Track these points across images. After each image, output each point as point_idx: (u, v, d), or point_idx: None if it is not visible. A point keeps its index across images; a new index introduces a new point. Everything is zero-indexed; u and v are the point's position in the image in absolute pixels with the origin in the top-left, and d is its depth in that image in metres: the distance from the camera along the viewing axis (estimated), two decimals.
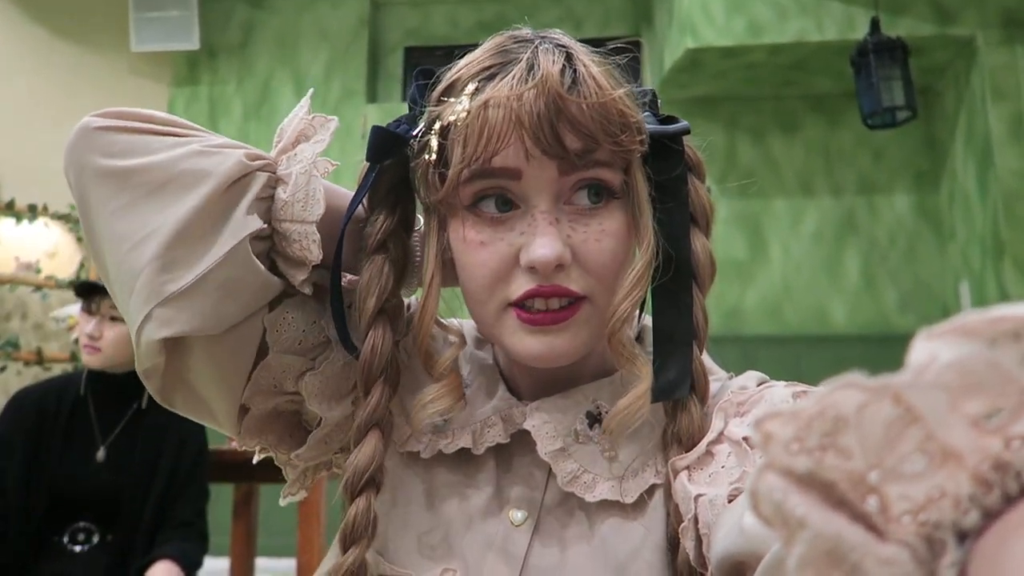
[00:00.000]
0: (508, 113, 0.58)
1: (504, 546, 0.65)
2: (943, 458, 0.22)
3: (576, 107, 0.58)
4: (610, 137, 0.59)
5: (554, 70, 0.58)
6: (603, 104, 0.59)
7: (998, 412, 0.22)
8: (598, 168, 0.60)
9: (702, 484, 0.59)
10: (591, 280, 0.61)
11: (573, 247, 0.61)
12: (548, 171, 0.59)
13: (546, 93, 0.58)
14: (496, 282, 0.62)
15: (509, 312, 0.62)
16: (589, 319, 0.62)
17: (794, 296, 3.82)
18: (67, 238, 4.08)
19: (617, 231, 0.62)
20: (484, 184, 0.61)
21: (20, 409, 1.93)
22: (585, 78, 0.59)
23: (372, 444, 0.64)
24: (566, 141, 0.58)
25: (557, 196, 0.61)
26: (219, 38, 4.24)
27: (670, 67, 3.61)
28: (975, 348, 0.22)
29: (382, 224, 0.67)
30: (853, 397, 0.23)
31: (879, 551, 0.22)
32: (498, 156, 0.59)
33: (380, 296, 0.66)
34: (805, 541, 0.22)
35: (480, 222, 0.62)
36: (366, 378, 0.65)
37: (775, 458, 0.23)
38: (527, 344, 0.61)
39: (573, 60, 0.61)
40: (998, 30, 3.40)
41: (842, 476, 0.23)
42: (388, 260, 0.67)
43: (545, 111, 0.57)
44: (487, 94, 0.60)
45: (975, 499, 0.22)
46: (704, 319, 0.66)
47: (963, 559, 0.22)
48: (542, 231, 0.59)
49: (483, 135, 0.59)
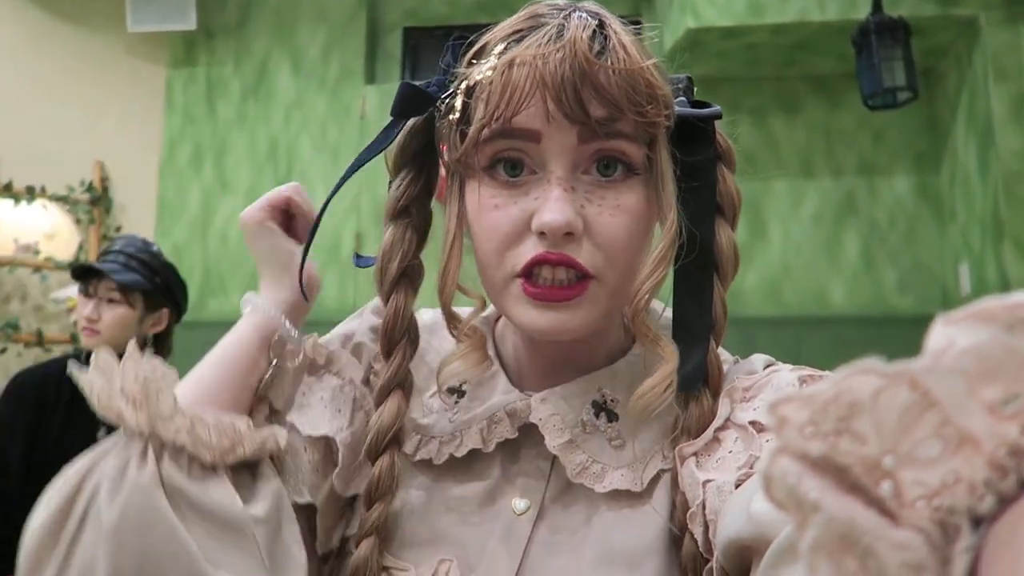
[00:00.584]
0: (532, 72, 0.57)
1: (506, 534, 0.65)
2: (959, 443, 0.22)
3: (603, 73, 0.57)
4: (635, 106, 0.58)
5: (583, 34, 0.57)
6: (631, 72, 0.58)
7: (1015, 398, 0.22)
8: (620, 140, 0.59)
9: (710, 470, 0.59)
10: (601, 256, 0.60)
11: (587, 219, 0.60)
12: (568, 136, 0.59)
13: (573, 56, 0.57)
14: (507, 247, 0.61)
15: (516, 283, 0.61)
16: (597, 299, 0.61)
17: (794, 277, 3.82)
18: (66, 219, 4.07)
19: (634, 208, 0.61)
20: (503, 145, 0.60)
21: (20, 391, 1.93)
22: (615, 46, 0.58)
23: (395, 403, 0.65)
24: (589, 107, 0.57)
25: (575, 164, 0.60)
26: (216, 18, 4.21)
27: (670, 47, 3.59)
28: (993, 334, 0.22)
29: (406, 188, 0.68)
30: (869, 382, 0.23)
31: (893, 536, 0.22)
32: (519, 116, 0.58)
33: (403, 260, 0.67)
34: (818, 525, 0.22)
35: (496, 185, 0.61)
36: (389, 340, 0.66)
37: (789, 442, 0.23)
38: (531, 317, 0.61)
39: (605, 27, 0.60)
40: (1001, 10, 3.38)
41: (856, 460, 0.23)
42: (411, 225, 0.68)
43: (570, 74, 0.56)
44: (513, 53, 0.59)
45: (990, 484, 0.22)
46: (723, 311, 0.66)
47: (977, 544, 0.21)
48: (556, 196, 0.58)
49: (505, 93, 0.58)
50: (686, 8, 3.46)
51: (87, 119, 4.17)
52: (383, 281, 0.67)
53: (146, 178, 4.13)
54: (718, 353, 0.66)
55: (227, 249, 4.01)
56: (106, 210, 4.09)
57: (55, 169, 4.04)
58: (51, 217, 4.04)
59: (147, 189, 4.12)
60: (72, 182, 4.04)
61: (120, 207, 4.15)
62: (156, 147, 4.16)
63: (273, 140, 4.08)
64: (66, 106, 4.17)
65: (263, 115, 4.12)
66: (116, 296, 1.90)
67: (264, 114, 4.12)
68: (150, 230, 4.04)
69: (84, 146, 4.12)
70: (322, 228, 2.94)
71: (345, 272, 3.89)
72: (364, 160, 0.69)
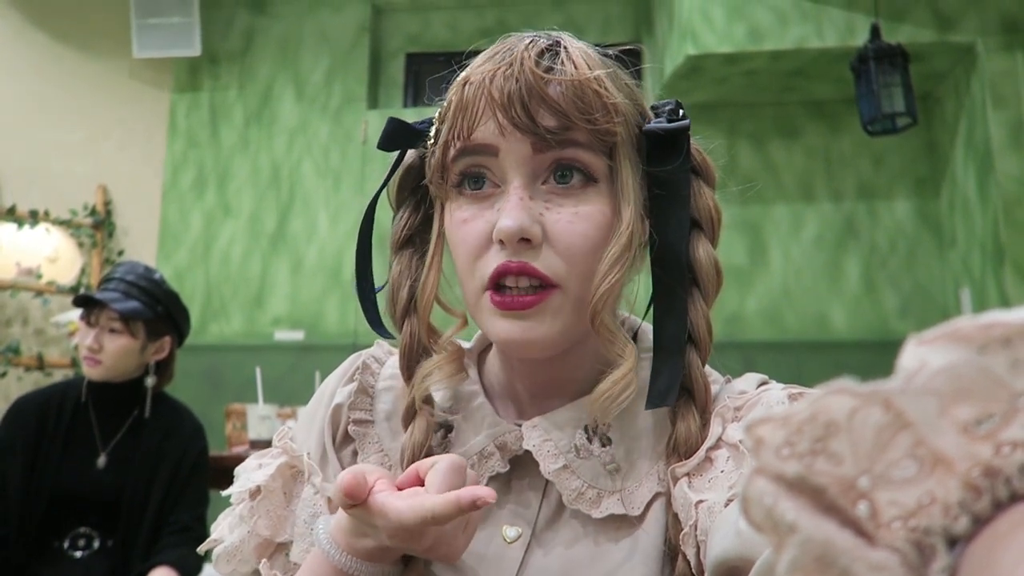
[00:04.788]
0: (481, 89, 0.60)
1: (496, 562, 0.64)
2: (933, 464, 0.22)
3: (551, 85, 0.59)
4: (584, 115, 0.59)
5: (531, 52, 0.60)
6: (578, 83, 0.59)
7: (988, 418, 0.22)
8: (575, 148, 0.60)
9: (702, 490, 0.59)
10: (562, 263, 0.61)
11: (546, 227, 0.61)
12: (522, 147, 0.60)
13: (520, 70, 0.59)
14: (476, 259, 0.63)
15: (486, 295, 0.62)
16: (561, 307, 0.62)
17: (794, 302, 3.82)
18: (68, 243, 4.09)
19: (593, 216, 0.61)
20: (467, 162, 0.63)
21: (21, 415, 1.93)
22: (563, 60, 0.60)
23: (423, 421, 0.68)
24: (539, 118, 0.59)
25: (533, 175, 0.62)
26: (220, 44, 4.25)
27: (671, 73, 3.62)
28: (965, 354, 0.22)
29: (407, 221, 0.71)
30: (844, 402, 0.23)
31: (869, 556, 0.22)
32: (476, 132, 0.61)
33: (411, 286, 0.68)
34: (795, 546, 0.22)
35: (465, 200, 0.64)
36: (408, 363, 0.69)
37: (766, 463, 0.24)
38: (500, 328, 0.62)
39: (557, 46, 0.62)
40: (998, 37, 3.41)
41: (832, 481, 0.23)
42: (415, 254, 0.70)
43: (516, 87, 0.59)
44: (466, 73, 0.62)
45: (965, 505, 0.22)
46: (707, 327, 0.65)
47: (953, 565, 0.22)
48: (511, 205, 0.60)
49: (459, 112, 0.61)
50: (686, 35, 3.49)
51: (91, 143, 4.20)
52: (396, 308, 0.69)
53: (149, 202, 4.15)
54: (703, 371, 0.66)
55: (228, 273, 4.02)
56: (109, 234, 4.11)
57: (58, 193, 4.07)
58: (53, 241, 4.06)
59: (150, 213, 4.14)
60: (75, 206, 4.06)
61: (123, 231, 4.16)
62: (159, 171, 4.19)
63: (276, 165, 4.11)
64: (70, 130, 4.21)
65: (266, 140, 4.15)
66: (118, 325, 1.90)
67: (267, 139, 4.15)
68: (152, 254, 4.06)
69: (87, 170, 4.15)
70: (323, 251, 2.98)
71: (347, 296, 3.90)
72: (375, 199, 0.72)
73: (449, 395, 0.72)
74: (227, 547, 0.70)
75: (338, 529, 0.61)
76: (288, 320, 3.95)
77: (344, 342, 3.80)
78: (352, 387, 0.74)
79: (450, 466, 0.58)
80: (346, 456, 0.73)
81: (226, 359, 3.84)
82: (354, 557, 0.60)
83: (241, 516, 0.70)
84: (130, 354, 1.93)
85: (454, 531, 0.59)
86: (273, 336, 3.93)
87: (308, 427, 0.74)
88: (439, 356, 0.67)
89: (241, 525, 0.70)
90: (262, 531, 0.69)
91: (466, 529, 0.60)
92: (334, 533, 0.61)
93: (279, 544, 0.70)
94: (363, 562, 0.60)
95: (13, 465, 1.87)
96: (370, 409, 0.73)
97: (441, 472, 0.57)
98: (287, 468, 0.71)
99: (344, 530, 0.60)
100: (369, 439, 0.72)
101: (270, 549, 0.70)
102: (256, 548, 0.69)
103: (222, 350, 3.88)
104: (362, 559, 0.60)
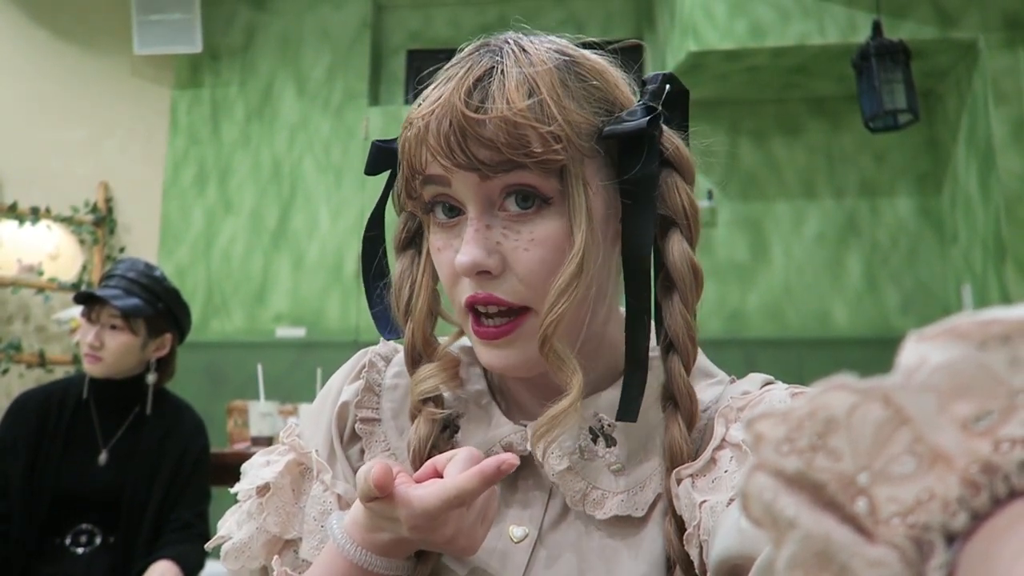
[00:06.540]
0: (419, 133, 0.61)
1: (503, 561, 0.65)
2: (932, 460, 0.22)
3: (482, 123, 0.59)
4: (520, 150, 0.58)
5: (460, 90, 0.60)
6: (507, 120, 0.58)
7: (987, 415, 0.22)
8: (522, 172, 0.60)
9: (706, 491, 0.59)
10: (525, 289, 0.61)
11: (505, 255, 0.61)
12: (469, 178, 0.60)
13: (452, 113, 0.59)
14: (452, 285, 0.64)
15: (469, 319, 0.64)
16: (534, 332, 0.62)
17: (796, 299, 3.82)
18: (69, 240, 4.09)
19: (548, 239, 0.61)
20: (432, 191, 0.63)
21: (22, 412, 1.93)
22: (494, 95, 0.59)
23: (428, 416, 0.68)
24: (477, 155, 0.59)
25: (487, 202, 0.62)
26: (221, 41, 4.25)
27: (672, 70, 3.60)
28: (965, 351, 0.22)
29: (406, 223, 0.71)
30: (844, 398, 0.23)
31: (868, 552, 0.22)
32: (428, 165, 0.62)
33: (413, 287, 0.69)
34: (795, 542, 0.23)
35: (436, 227, 0.65)
36: (413, 360, 0.69)
37: (766, 458, 0.24)
38: (483, 355, 0.64)
39: (493, 72, 0.61)
40: (1000, 33, 3.40)
41: (832, 477, 0.23)
42: (416, 256, 0.71)
43: (448, 129, 0.59)
44: (410, 114, 0.64)
45: (964, 501, 0.22)
46: (688, 332, 0.64)
47: (951, 561, 0.22)
48: (467, 239, 0.61)
49: (409, 150, 0.63)
50: (688, 32, 3.49)
51: (92, 140, 4.20)
52: (399, 307, 0.70)
53: (150, 199, 4.15)
54: (687, 379, 0.64)
55: (230, 269, 4.03)
56: (110, 231, 4.11)
57: (59, 190, 4.07)
58: (55, 238, 4.06)
59: (151, 210, 4.14)
60: (76, 203, 4.06)
61: (124, 227, 4.16)
62: (160, 168, 4.19)
63: (277, 161, 4.11)
64: (71, 127, 4.21)
65: (267, 136, 4.15)
66: (118, 322, 1.90)
67: (268, 135, 4.15)
68: (153, 250, 4.06)
69: (88, 167, 4.15)
70: (324, 247, 2.98)
71: (348, 293, 3.90)
72: (374, 217, 0.73)
73: (455, 395, 0.72)
74: (235, 543, 0.70)
75: (353, 524, 0.61)
76: (289, 317, 3.95)
77: (346, 339, 3.80)
78: (358, 385, 0.74)
79: (468, 456, 0.59)
80: (353, 454, 0.73)
81: (227, 356, 3.84)
82: (369, 552, 0.60)
83: (249, 513, 0.71)
84: (131, 351, 1.93)
85: (473, 522, 0.60)
86: (274, 333, 3.94)
87: (315, 424, 0.74)
88: (433, 365, 0.68)
89: (249, 522, 0.70)
90: (271, 528, 0.69)
91: (484, 521, 0.61)
92: (349, 528, 0.61)
93: (287, 541, 0.70)
94: (378, 557, 0.60)
95: (14, 462, 1.87)
96: (376, 407, 0.73)
97: (460, 462, 0.58)
98: (295, 465, 0.71)
99: (359, 524, 0.61)
100: (376, 437, 0.72)
101: (279, 546, 0.70)
102: (265, 545, 0.70)
103: (223, 347, 3.89)
104: (377, 554, 0.60)
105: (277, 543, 0.70)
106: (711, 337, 1.82)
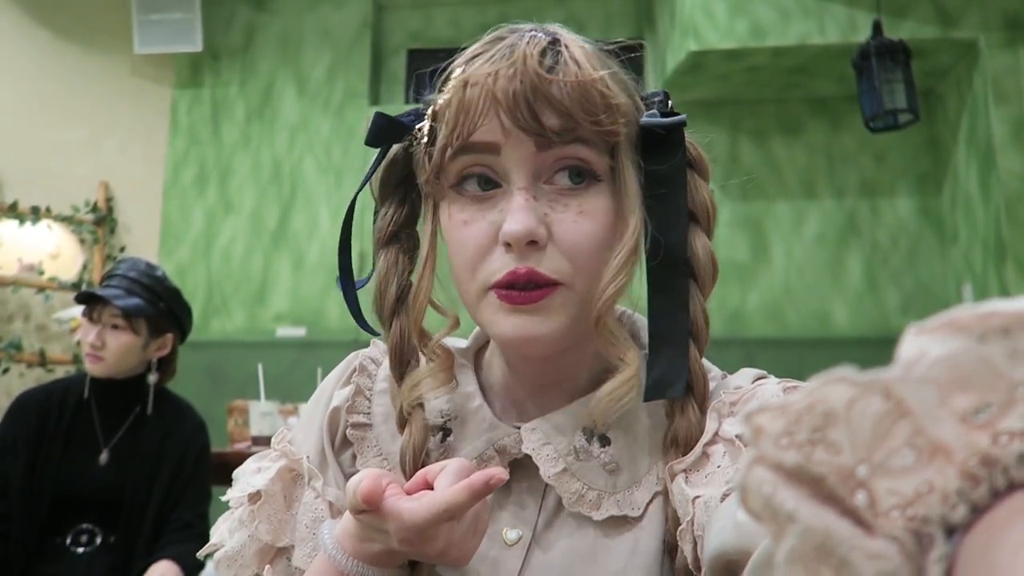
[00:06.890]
0: (485, 91, 0.59)
1: (498, 565, 0.64)
2: (932, 453, 0.22)
3: (554, 85, 0.58)
4: (589, 116, 0.59)
5: (533, 51, 0.59)
6: (582, 84, 0.59)
7: (987, 407, 0.22)
8: (578, 146, 0.60)
9: (699, 486, 0.59)
10: (567, 263, 0.60)
11: (551, 226, 0.60)
12: (526, 147, 0.60)
13: (524, 71, 0.58)
14: (479, 260, 0.62)
15: (490, 293, 0.62)
16: (566, 304, 0.61)
17: (796, 298, 3.82)
18: (70, 240, 4.09)
19: (597, 214, 0.61)
20: (467, 161, 0.62)
21: (23, 411, 1.93)
22: (567, 59, 0.60)
23: (419, 420, 0.67)
24: (543, 118, 0.58)
25: (537, 174, 0.61)
26: (222, 40, 4.25)
27: (673, 70, 3.61)
28: (964, 343, 0.22)
29: (392, 216, 0.70)
30: (843, 391, 0.23)
31: (867, 545, 0.22)
32: (478, 131, 0.60)
33: (399, 283, 0.68)
34: (794, 535, 0.23)
35: (464, 201, 0.63)
36: (399, 362, 0.68)
37: (765, 452, 0.24)
38: (506, 324, 0.61)
39: (557, 44, 0.61)
40: (1000, 33, 3.40)
41: (831, 470, 0.23)
42: (401, 250, 0.69)
43: (521, 88, 0.58)
44: (466, 74, 0.61)
45: (963, 494, 0.22)
46: (705, 321, 0.66)
47: (951, 553, 0.22)
48: (518, 206, 0.59)
49: (461, 113, 0.60)
50: (688, 31, 3.49)
51: (92, 140, 4.20)
52: (383, 306, 0.68)
53: (150, 198, 4.15)
54: (702, 364, 0.66)
55: (230, 269, 4.03)
56: (110, 230, 4.11)
57: (60, 189, 4.07)
58: (55, 237, 4.06)
59: (151, 209, 4.14)
60: (77, 202, 4.06)
61: (124, 227, 4.16)
62: (160, 168, 4.19)
63: (277, 161, 4.11)
64: (71, 127, 4.21)
65: (267, 136, 4.15)
66: (120, 322, 1.90)
67: (268, 135, 4.15)
68: (154, 250, 4.06)
69: (89, 166, 4.15)
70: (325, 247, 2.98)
71: None
72: (359, 190, 0.70)
73: (446, 398, 0.70)
74: (227, 552, 0.69)
75: (344, 534, 0.60)
76: (290, 317, 3.95)
77: (346, 338, 3.80)
78: (349, 390, 0.73)
79: (459, 468, 0.57)
80: (345, 460, 0.72)
81: (228, 356, 3.84)
82: (361, 562, 0.59)
83: (241, 520, 0.70)
84: (132, 351, 1.93)
85: (464, 534, 0.58)
86: (275, 333, 3.94)
87: (307, 430, 0.74)
88: (430, 365, 0.67)
89: (241, 529, 0.70)
90: (263, 536, 0.68)
91: (476, 531, 0.60)
92: (340, 538, 0.60)
93: (280, 549, 0.70)
94: (370, 567, 0.60)
95: (15, 462, 1.87)
96: (368, 412, 0.72)
97: (451, 473, 0.57)
98: (287, 472, 0.71)
99: (350, 534, 0.60)
100: (367, 443, 0.71)
101: (271, 554, 0.70)
102: (257, 553, 0.69)
103: (224, 347, 3.89)
104: (369, 564, 0.60)
105: (269, 551, 0.69)
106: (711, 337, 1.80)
